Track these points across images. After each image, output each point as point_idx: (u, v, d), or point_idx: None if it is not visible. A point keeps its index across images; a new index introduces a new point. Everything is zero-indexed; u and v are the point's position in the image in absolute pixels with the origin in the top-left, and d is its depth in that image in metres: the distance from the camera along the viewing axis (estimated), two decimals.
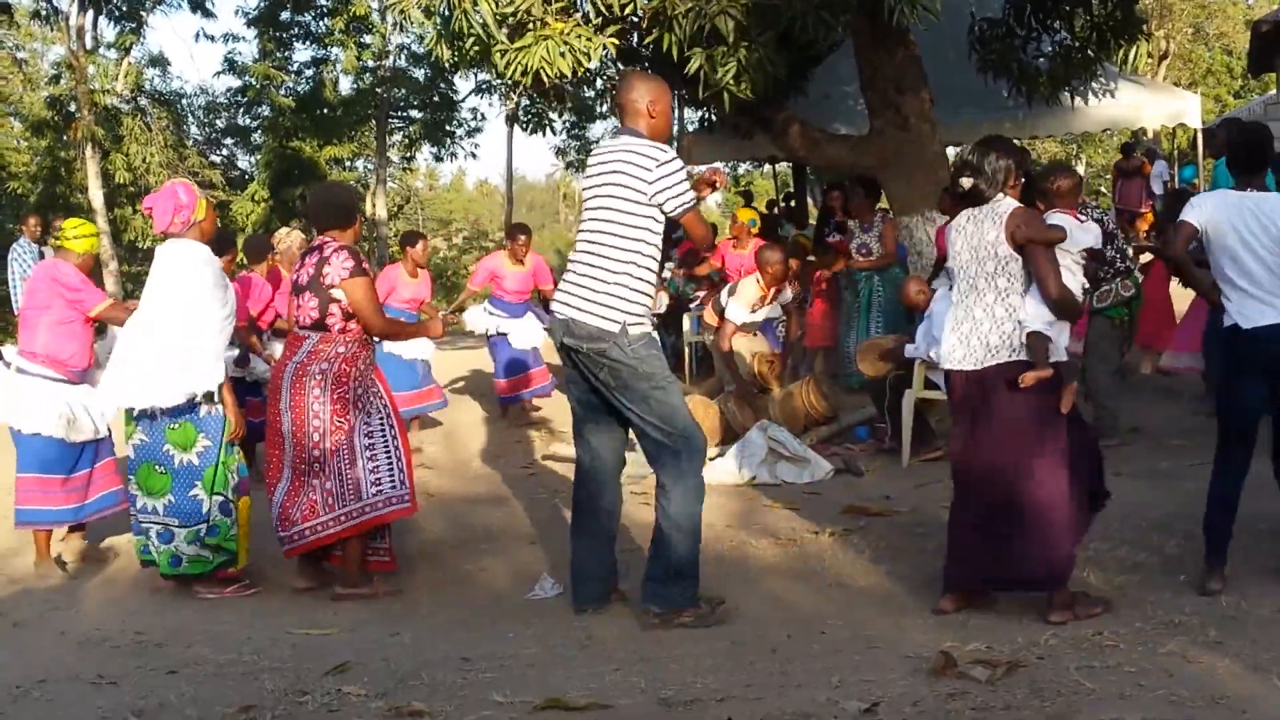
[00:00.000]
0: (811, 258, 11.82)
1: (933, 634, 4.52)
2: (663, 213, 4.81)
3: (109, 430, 6.46)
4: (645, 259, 4.85)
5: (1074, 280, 4.96)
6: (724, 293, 9.28)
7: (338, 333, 5.54)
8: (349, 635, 5.12)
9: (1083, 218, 5.75)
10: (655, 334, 5.03)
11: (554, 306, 5.02)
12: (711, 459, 7.95)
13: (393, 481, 5.63)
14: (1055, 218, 5.26)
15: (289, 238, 8.79)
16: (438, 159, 32.23)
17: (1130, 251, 8.75)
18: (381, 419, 5.68)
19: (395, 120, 30.52)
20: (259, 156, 27.80)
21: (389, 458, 5.65)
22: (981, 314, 4.75)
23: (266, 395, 5.93)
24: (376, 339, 5.81)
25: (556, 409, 10.69)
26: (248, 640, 4.99)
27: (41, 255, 12.45)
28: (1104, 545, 5.53)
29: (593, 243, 4.88)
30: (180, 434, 5.65)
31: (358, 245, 5.88)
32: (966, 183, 4.79)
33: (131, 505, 5.85)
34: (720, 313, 9.07)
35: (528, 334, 10.28)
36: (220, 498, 5.70)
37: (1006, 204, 4.75)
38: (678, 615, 4.90)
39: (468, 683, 4.26)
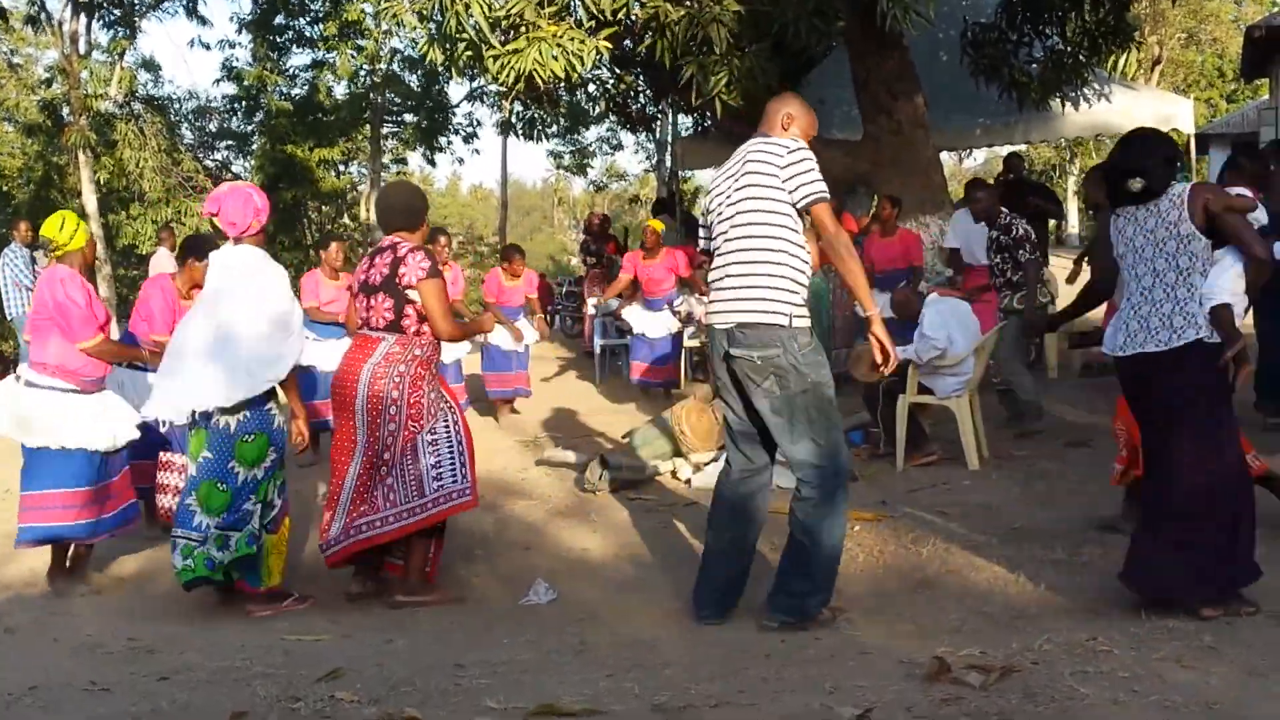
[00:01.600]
0: None
1: (927, 639, 4.51)
2: (793, 203, 4.73)
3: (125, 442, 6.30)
4: (796, 249, 4.76)
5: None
6: None
7: (413, 334, 5.49)
8: (342, 641, 5.11)
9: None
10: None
11: (711, 319, 4.91)
12: (705, 464, 7.95)
13: (454, 475, 5.54)
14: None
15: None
16: (431, 163, 32.24)
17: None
18: (447, 417, 5.63)
19: (389, 124, 30.53)
20: (252, 160, 27.80)
21: (451, 451, 5.57)
22: (1163, 295, 4.70)
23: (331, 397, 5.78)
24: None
25: (545, 416, 10.70)
26: (240, 647, 4.98)
27: (33, 260, 12.45)
28: (1098, 550, 5.54)
29: (740, 249, 4.78)
30: (254, 447, 5.52)
31: (428, 245, 5.84)
32: (1137, 185, 4.75)
33: (183, 524, 5.56)
34: None
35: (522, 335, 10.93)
36: (259, 504, 5.60)
37: (1178, 187, 4.75)
38: (802, 624, 4.84)
39: (461, 689, 4.25)
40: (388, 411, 5.42)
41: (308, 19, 27.49)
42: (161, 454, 6.70)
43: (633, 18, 9.21)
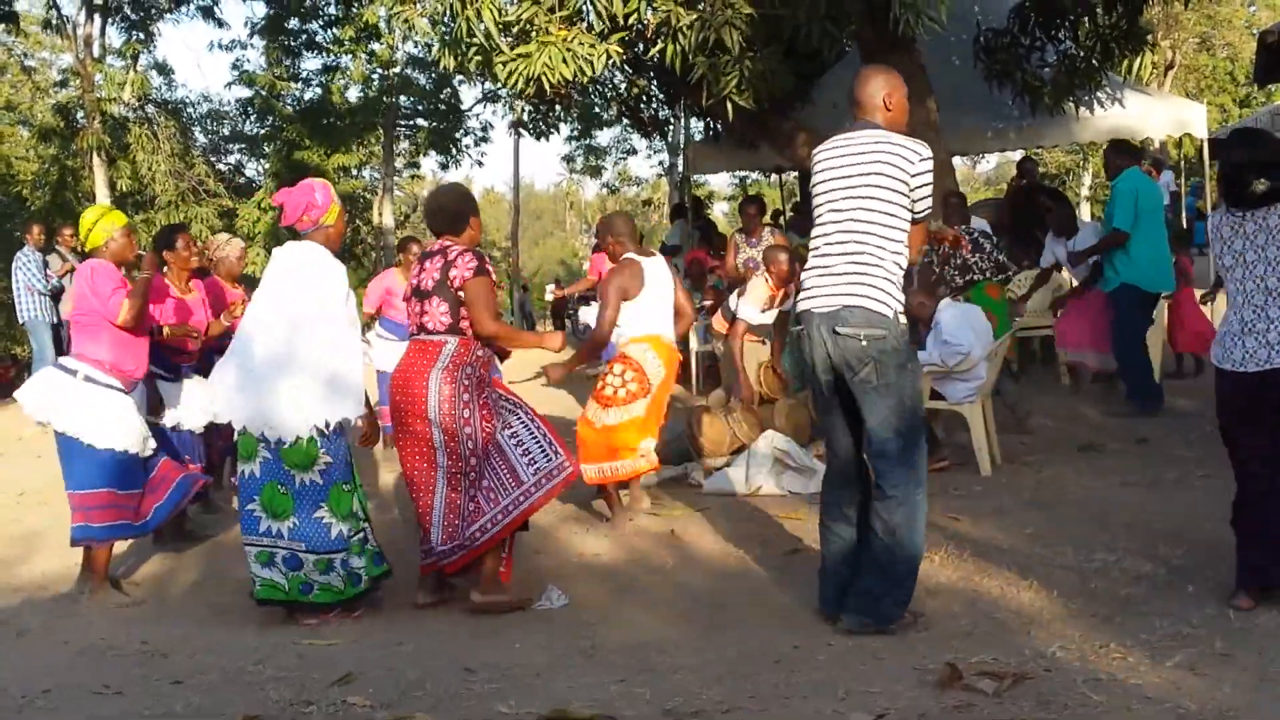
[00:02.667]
0: None
1: (939, 645, 4.50)
2: (913, 211, 4.75)
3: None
4: (904, 250, 4.76)
5: None
6: (733, 296, 9.27)
7: (473, 336, 5.45)
8: (354, 645, 5.12)
9: None
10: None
11: (811, 305, 4.82)
12: (717, 469, 7.95)
13: (545, 455, 5.52)
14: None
15: (227, 245, 8.24)
16: (444, 167, 32.28)
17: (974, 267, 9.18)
18: (515, 409, 5.63)
19: (402, 128, 30.58)
20: (266, 164, 27.86)
21: (532, 435, 5.56)
22: (1278, 312, 4.64)
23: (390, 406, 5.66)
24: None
25: (558, 419, 10.70)
26: (253, 650, 4.99)
27: (46, 264, 12.50)
28: (1109, 556, 5.52)
29: (855, 234, 4.72)
30: (300, 452, 5.34)
31: (479, 248, 5.78)
32: (1262, 186, 4.64)
33: (250, 530, 5.43)
34: (730, 318, 9.06)
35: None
36: (359, 532, 5.49)
37: None
38: (878, 627, 4.78)
39: (472, 693, 4.26)
40: (462, 415, 5.37)
41: (320, 23, 27.56)
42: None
43: (644, 22, 9.21)
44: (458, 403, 5.37)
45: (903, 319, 4.73)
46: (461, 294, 5.40)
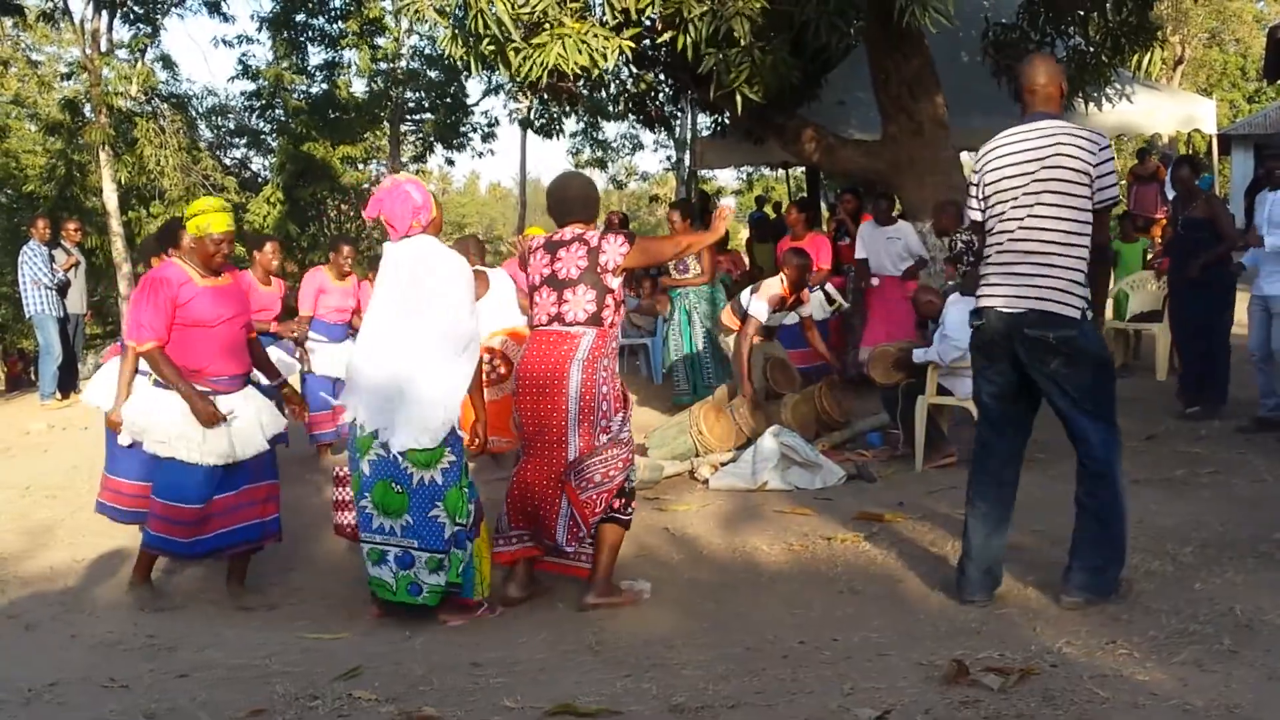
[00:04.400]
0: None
1: (945, 641, 4.50)
2: (1095, 202, 4.76)
3: (270, 448, 6.01)
4: (1088, 242, 4.78)
5: None
6: (745, 292, 9.27)
7: (609, 326, 5.37)
8: (360, 640, 5.13)
9: None
10: None
11: (995, 303, 4.90)
12: (724, 464, 7.95)
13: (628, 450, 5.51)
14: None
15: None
16: (450, 162, 32.31)
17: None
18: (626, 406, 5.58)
19: (408, 122, 30.58)
20: (273, 159, 27.85)
21: (625, 432, 5.51)
22: None
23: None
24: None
25: None
26: (260, 645, 4.99)
27: (52, 258, 12.50)
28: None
29: (1037, 231, 4.77)
30: (423, 451, 5.17)
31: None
32: None
33: (364, 527, 5.31)
34: (741, 314, 9.06)
35: (340, 362, 9.01)
36: (459, 527, 5.28)
37: None
38: (1104, 599, 4.86)
39: (478, 687, 4.26)
40: (600, 408, 5.31)
41: (327, 16, 27.54)
42: (337, 469, 6.16)
43: (655, 15, 9.20)
44: (596, 397, 5.29)
45: (1090, 312, 4.80)
46: (610, 281, 5.31)
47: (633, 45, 9.32)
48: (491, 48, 9.40)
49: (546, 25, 9.08)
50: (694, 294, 10.56)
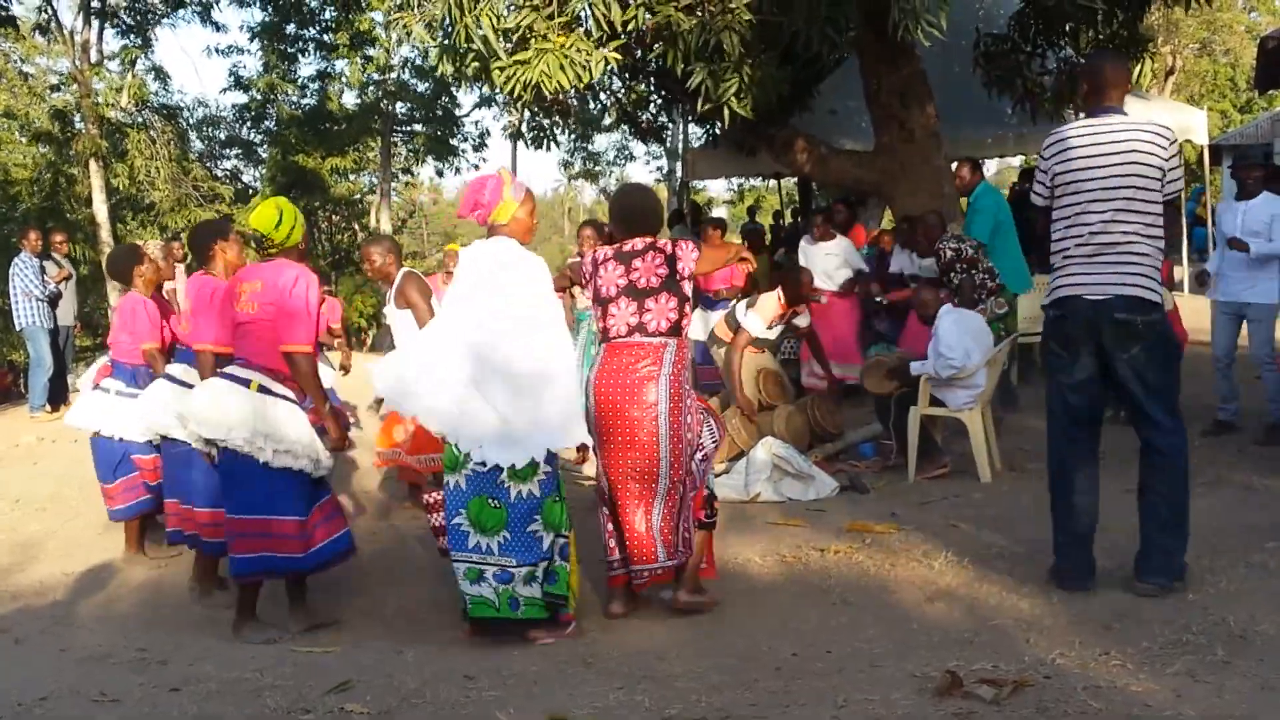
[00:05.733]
0: None
1: (938, 652, 4.49)
2: (1165, 194, 4.99)
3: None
4: (1161, 233, 5.03)
5: None
6: (740, 305, 9.27)
7: (685, 335, 5.32)
8: (351, 652, 5.10)
9: None
10: None
11: (1081, 291, 5.03)
12: (716, 475, 7.95)
13: (709, 459, 5.50)
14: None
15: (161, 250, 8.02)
16: (439, 174, 32.28)
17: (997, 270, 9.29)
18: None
19: (399, 134, 30.59)
20: (263, 169, 27.85)
21: (713, 440, 5.52)
22: None
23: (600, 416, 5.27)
24: None
25: None
26: (251, 658, 4.97)
27: (43, 269, 12.48)
28: (1109, 563, 5.51)
29: (1118, 224, 4.95)
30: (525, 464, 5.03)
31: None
32: None
33: (458, 546, 5.11)
34: (735, 326, 9.05)
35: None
36: (564, 539, 5.16)
37: None
38: (1178, 583, 5.01)
39: (471, 700, 4.24)
40: (686, 421, 5.25)
41: (318, 28, 27.55)
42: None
43: (643, 28, 9.21)
44: (683, 408, 5.24)
45: (1165, 299, 5.07)
46: (687, 287, 5.28)
47: (619, 58, 9.33)
48: (476, 64, 9.41)
49: (532, 40, 9.08)
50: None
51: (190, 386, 6.04)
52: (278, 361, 5.48)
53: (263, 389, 5.46)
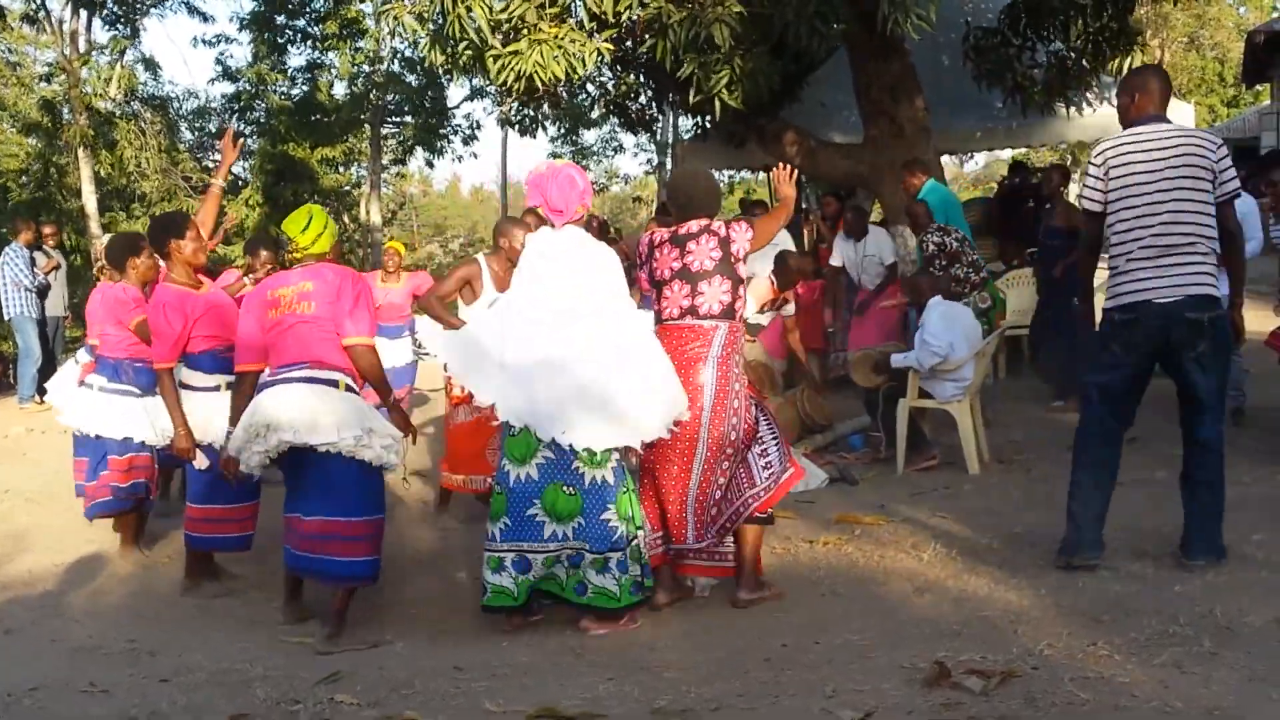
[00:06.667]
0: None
1: (927, 644, 4.50)
2: (1216, 196, 5.18)
3: None
4: (1216, 234, 5.20)
5: None
6: None
7: (738, 319, 5.30)
8: (342, 643, 5.11)
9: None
10: None
11: (1150, 295, 5.15)
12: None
13: (779, 454, 5.42)
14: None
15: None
16: (430, 165, 32.25)
17: (982, 264, 9.42)
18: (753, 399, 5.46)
19: (389, 125, 30.51)
20: (252, 160, 27.77)
21: (771, 433, 5.45)
22: None
23: None
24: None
25: None
26: (241, 649, 4.98)
27: (33, 261, 12.46)
28: (1097, 554, 5.53)
29: (1179, 226, 5.11)
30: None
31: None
32: None
33: (533, 538, 5.03)
34: None
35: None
36: (639, 530, 5.10)
37: None
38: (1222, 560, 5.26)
39: (460, 691, 4.25)
40: (732, 405, 5.20)
41: (308, 18, 27.48)
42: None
43: (634, 19, 9.21)
44: (730, 392, 5.20)
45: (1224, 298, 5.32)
46: (741, 270, 5.26)
47: (611, 48, 9.32)
48: (469, 53, 9.39)
49: (524, 31, 9.08)
50: None
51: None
52: (342, 359, 5.37)
53: (349, 388, 5.37)
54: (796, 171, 5.67)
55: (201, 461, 6.00)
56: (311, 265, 5.47)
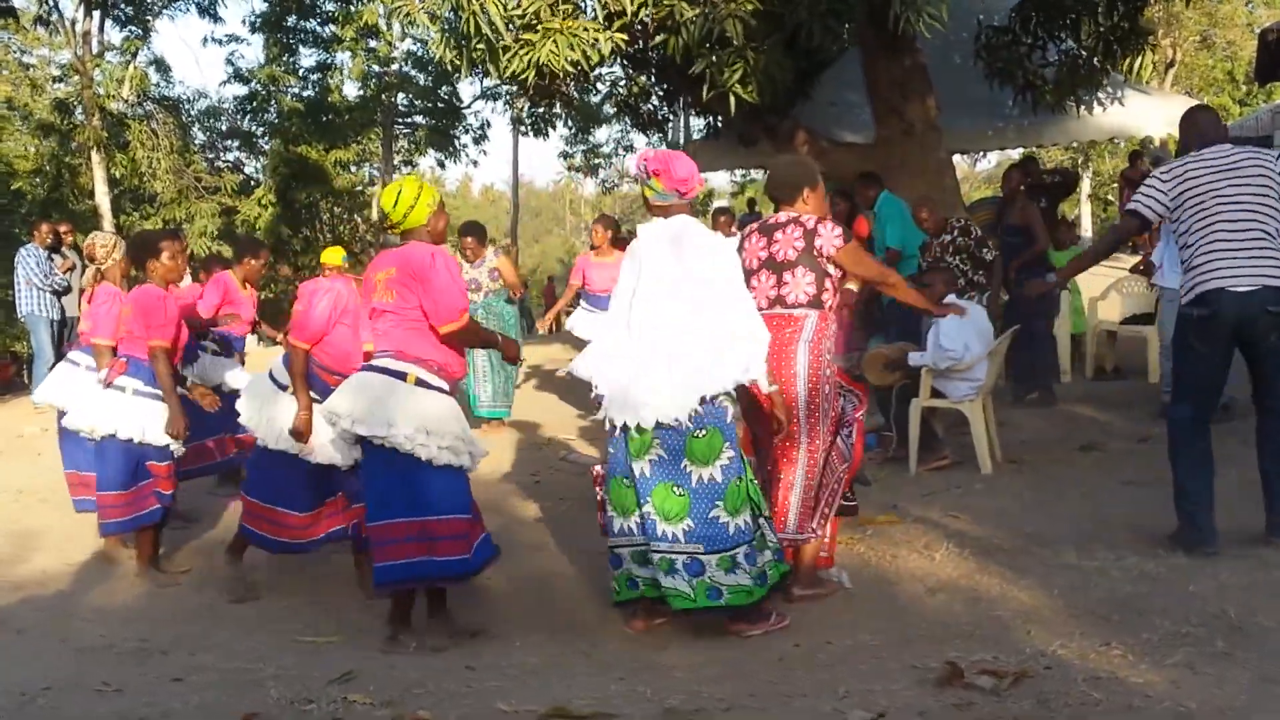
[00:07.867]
0: None
1: (939, 644, 4.50)
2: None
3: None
4: None
5: None
6: None
7: (829, 309, 5.29)
8: (353, 643, 5.12)
9: None
10: None
11: (1228, 284, 5.35)
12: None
13: (850, 440, 5.46)
14: None
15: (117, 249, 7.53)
16: (441, 165, 32.29)
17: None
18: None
19: (400, 126, 30.57)
20: (265, 161, 27.85)
21: (853, 419, 5.49)
22: None
23: None
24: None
25: (554, 417, 10.68)
26: (253, 648, 4.98)
27: (51, 260, 12.49)
28: (1110, 555, 5.52)
29: (1256, 224, 5.39)
30: (705, 443, 4.84)
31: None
32: None
33: (651, 536, 4.89)
34: None
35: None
36: (764, 518, 4.98)
37: None
38: None
39: (472, 691, 4.26)
40: (824, 391, 5.21)
41: (319, 19, 27.54)
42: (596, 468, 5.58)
43: (647, 17, 9.21)
44: (822, 380, 5.21)
45: None
46: (829, 265, 5.24)
47: (625, 39, 9.32)
48: (481, 48, 9.40)
49: (538, 26, 9.09)
50: (482, 307, 9.83)
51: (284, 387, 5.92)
52: (424, 350, 5.16)
53: (420, 382, 5.14)
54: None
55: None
56: (402, 247, 5.26)
